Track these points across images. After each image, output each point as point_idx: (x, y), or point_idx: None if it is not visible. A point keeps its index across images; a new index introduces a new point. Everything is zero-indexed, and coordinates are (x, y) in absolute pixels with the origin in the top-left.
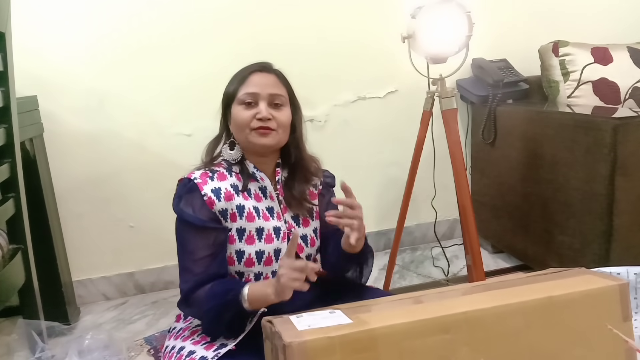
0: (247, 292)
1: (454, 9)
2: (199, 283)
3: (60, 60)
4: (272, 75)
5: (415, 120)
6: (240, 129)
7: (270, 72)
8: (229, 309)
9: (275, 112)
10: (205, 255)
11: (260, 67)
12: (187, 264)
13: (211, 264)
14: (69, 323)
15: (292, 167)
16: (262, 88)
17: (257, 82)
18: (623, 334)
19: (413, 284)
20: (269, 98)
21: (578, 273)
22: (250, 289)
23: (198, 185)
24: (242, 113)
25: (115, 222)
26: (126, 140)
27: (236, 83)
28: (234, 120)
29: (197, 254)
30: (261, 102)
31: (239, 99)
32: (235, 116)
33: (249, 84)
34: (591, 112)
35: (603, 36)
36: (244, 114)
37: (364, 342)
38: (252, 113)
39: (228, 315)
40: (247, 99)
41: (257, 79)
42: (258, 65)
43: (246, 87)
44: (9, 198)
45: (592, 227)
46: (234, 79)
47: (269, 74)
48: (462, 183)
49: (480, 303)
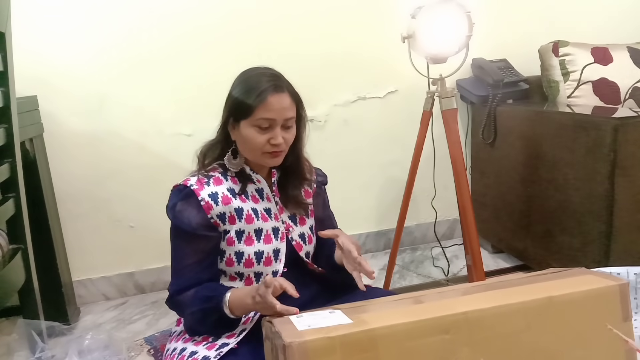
0: (228, 298)
1: (454, 9)
2: (185, 286)
3: (61, 61)
4: (286, 94)
5: (415, 120)
6: (251, 149)
7: (284, 91)
8: (211, 314)
9: (286, 134)
10: (193, 262)
11: (275, 87)
12: (176, 268)
13: (199, 269)
14: (69, 323)
15: (287, 168)
16: (279, 113)
17: (275, 107)
18: (623, 334)
19: (413, 284)
20: (283, 122)
21: (578, 273)
22: (231, 296)
23: (195, 191)
24: (256, 136)
25: (115, 222)
26: (126, 140)
27: (251, 100)
28: (246, 139)
29: (187, 260)
30: (276, 127)
31: (255, 120)
32: (247, 136)
33: (267, 107)
34: (591, 112)
35: (603, 36)
36: (258, 137)
37: (364, 342)
38: (266, 138)
39: (211, 320)
40: (264, 124)
41: (275, 101)
42: (273, 85)
43: (263, 111)
44: (9, 198)
45: (592, 227)
46: (248, 94)
47: (284, 93)
48: (462, 183)
49: (480, 303)
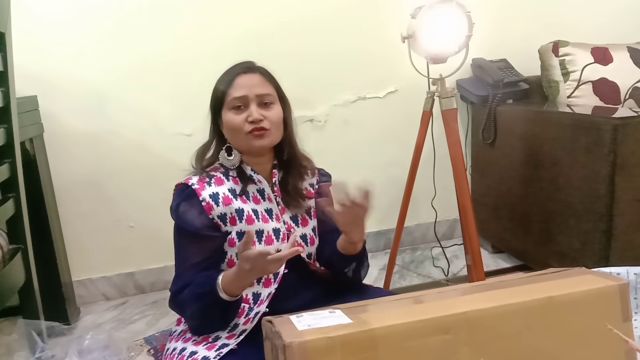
0: (221, 280)
1: (454, 9)
2: (183, 286)
3: (60, 60)
4: (257, 74)
5: (415, 120)
6: (235, 134)
7: (254, 72)
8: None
9: (266, 111)
10: (197, 262)
11: (244, 68)
12: (180, 268)
13: (202, 270)
14: (69, 323)
15: (286, 164)
16: (250, 89)
17: (244, 84)
18: (623, 334)
19: (413, 284)
20: (257, 99)
21: (578, 273)
22: (223, 277)
23: (196, 191)
24: (233, 118)
25: (115, 222)
26: (126, 140)
27: (222, 87)
28: (227, 126)
29: (190, 260)
30: (251, 104)
31: (228, 103)
32: (227, 122)
33: (236, 87)
34: (591, 112)
35: (603, 36)
36: (235, 118)
37: (364, 342)
38: (243, 117)
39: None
40: (236, 103)
41: (243, 80)
42: (241, 67)
43: (233, 91)
44: (9, 198)
45: (592, 227)
46: (219, 84)
47: (254, 73)
48: (462, 183)
49: (480, 303)
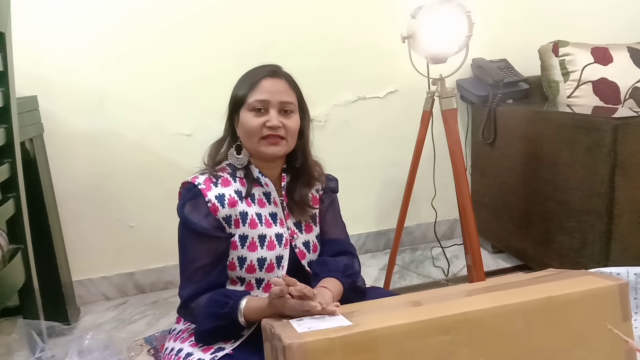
0: (244, 306)
1: (454, 9)
2: (198, 292)
3: (60, 60)
4: (283, 80)
5: (415, 120)
6: (249, 136)
7: (280, 78)
8: (224, 319)
9: (285, 119)
10: (205, 264)
11: (271, 72)
12: (187, 270)
13: (211, 272)
14: (69, 323)
15: (296, 171)
16: (273, 95)
17: (268, 89)
18: (623, 334)
19: (413, 284)
20: (279, 105)
21: (578, 274)
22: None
23: (202, 191)
24: (251, 120)
25: (115, 222)
26: (126, 140)
27: (246, 87)
28: (243, 126)
29: (198, 262)
30: (272, 109)
31: (249, 104)
32: (244, 122)
33: (260, 89)
34: (591, 112)
35: (603, 36)
36: (253, 120)
37: (364, 344)
38: (262, 121)
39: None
40: (257, 105)
41: (268, 84)
42: (268, 70)
43: (257, 94)
44: (9, 198)
45: (592, 227)
46: (244, 83)
47: (280, 79)
48: (462, 183)
49: (480, 304)
